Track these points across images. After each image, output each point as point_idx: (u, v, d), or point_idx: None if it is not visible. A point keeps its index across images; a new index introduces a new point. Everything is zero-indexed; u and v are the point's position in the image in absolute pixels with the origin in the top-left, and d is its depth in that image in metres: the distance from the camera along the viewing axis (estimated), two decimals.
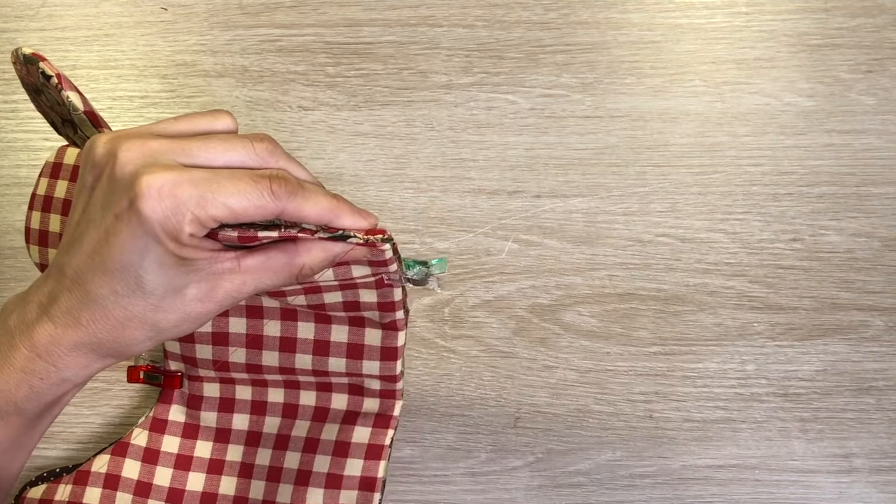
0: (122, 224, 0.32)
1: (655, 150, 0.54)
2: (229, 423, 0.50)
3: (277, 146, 0.35)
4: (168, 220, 0.31)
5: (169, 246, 0.32)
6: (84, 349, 0.34)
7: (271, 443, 0.49)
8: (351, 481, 0.48)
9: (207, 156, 0.33)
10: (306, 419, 0.49)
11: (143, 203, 0.31)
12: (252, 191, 0.32)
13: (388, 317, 0.45)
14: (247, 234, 0.33)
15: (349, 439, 0.48)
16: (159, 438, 0.50)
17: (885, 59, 0.54)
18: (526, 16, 0.56)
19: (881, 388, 0.52)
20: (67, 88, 0.37)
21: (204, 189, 0.31)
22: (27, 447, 0.38)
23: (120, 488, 0.49)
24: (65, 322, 0.34)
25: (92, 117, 0.38)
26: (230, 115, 0.36)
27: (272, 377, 0.49)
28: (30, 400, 0.35)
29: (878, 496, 0.51)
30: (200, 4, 0.57)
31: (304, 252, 0.35)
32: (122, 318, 0.33)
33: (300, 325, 0.47)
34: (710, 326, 0.53)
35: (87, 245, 0.33)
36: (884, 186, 0.53)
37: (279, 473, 0.49)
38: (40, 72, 0.38)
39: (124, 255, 0.32)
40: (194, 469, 0.49)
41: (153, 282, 0.33)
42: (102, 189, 0.33)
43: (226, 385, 0.50)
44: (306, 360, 0.47)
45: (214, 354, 0.48)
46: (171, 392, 0.50)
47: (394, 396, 0.48)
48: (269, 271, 0.35)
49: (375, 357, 0.47)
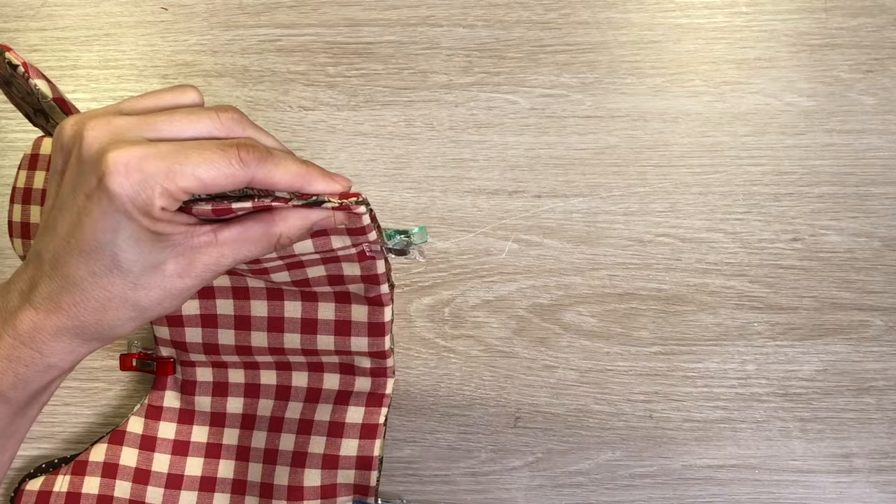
0: (92, 203, 0.31)
1: (656, 149, 0.54)
2: (224, 406, 0.50)
3: (243, 116, 0.35)
4: (138, 195, 0.31)
5: (142, 221, 0.32)
6: (68, 334, 0.34)
7: (266, 425, 0.49)
8: (347, 461, 0.48)
9: (173, 129, 0.33)
10: (299, 400, 0.49)
11: (110, 180, 0.31)
12: (220, 159, 0.32)
13: (373, 290, 0.44)
14: (221, 206, 0.33)
15: (343, 419, 0.48)
16: (155, 425, 0.50)
17: (886, 59, 0.54)
18: (526, 16, 0.56)
19: (881, 388, 0.52)
20: (34, 76, 0.37)
21: (171, 161, 0.31)
22: (16, 436, 0.38)
23: (119, 476, 0.49)
24: (46, 307, 0.34)
25: (62, 104, 0.37)
26: (196, 90, 0.36)
27: (263, 359, 0.49)
28: (16, 388, 0.35)
29: (879, 496, 0.51)
30: (200, 4, 0.57)
31: (281, 221, 0.35)
32: (102, 298, 0.33)
33: (287, 304, 0.47)
34: (711, 326, 0.53)
35: (62, 229, 0.33)
36: (884, 186, 0.53)
37: (275, 455, 0.49)
38: (7, 62, 0.37)
39: (97, 234, 0.32)
40: (192, 454, 0.50)
41: (129, 259, 0.32)
42: (72, 171, 0.33)
43: (218, 369, 0.50)
44: (295, 339, 0.47)
45: (204, 337, 0.48)
46: (165, 378, 0.50)
47: (385, 374, 0.48)
48: (246, 242, 0.35)
49: (363, 333, 0.47)
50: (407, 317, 0.53)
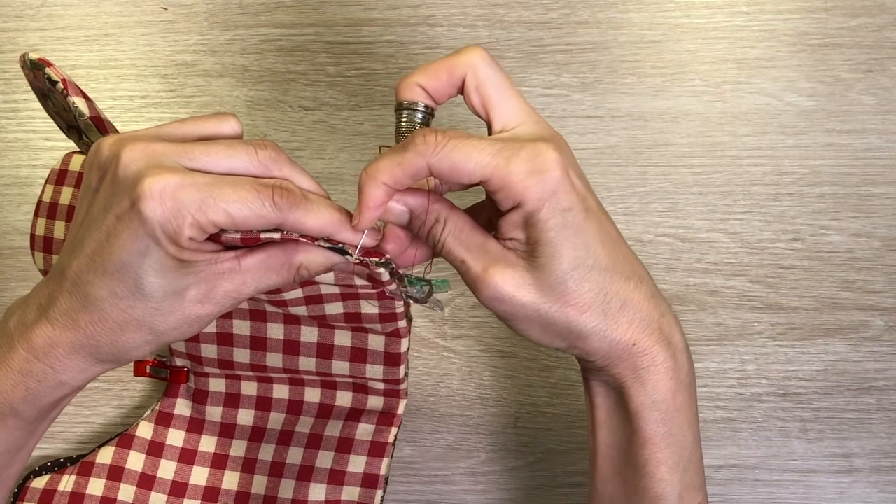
0: (122, 224, 0.32)
1: (656, 149, 0.54)
2: (234, 418, 0.50)
3: (281, 153, 0.34)
4: (169, 222, 0.31)
5: (169, 248, 0.32)
6: (82, 352, 0.34)
7: (275, 438, 0.49)
8: (353, 478, 0.48)
9: (210, 160, 0.33)
10: (310, 416, 0.49)
11: (144, 204, 0.31)
12: (254, 199, 0.32)
13: (390, 326, 0.45)
14: (249, 235, 0.33)
15: (353, 436, 0.48)
16: (164, 432, 0.50)
17: (886, 59, 0.54)
18: (526, 15, 0.56)
19: (881, 388, 0.52)
20: (73, 94, 0.37)
21: (206, 194, 0.31)
22: (24, 450, 0.38)
23: (123, 480, 0.49)
24: (63, 324, 0.34)
25: (98, 122, 0.37)
26: (236, 119, 0.36)
27: (277, 375, 0.49)
28: (27, 402, 0.35)
29: (879, 496, 0.51)
30: (200, 4, 0.57)
31: (303, 252, 0.35)
32: (120, 320, 0.33)
33: (303, 329, 0.47)
34: (711, 326, 0.53)
35: (89, 246, 0.33)
36: (884, 186, 0.53)
37: (282, 469, 0.49)
38: (46, 77, 0.38)
39: (123, 256, 0.32)
40: (198, 463, 0.50)
41: (152, 283, 0.32)
42: (105, 190, 0.33)
43: (231, 381, 0.50)
44: (310, 362, 0.48)
45: (219, 354, 0.48)
46: (178, 386, 0.51)
47: (398, 395, 0.48)
48: (268, 270, 0.35)
49: (379, 362, 0.47)
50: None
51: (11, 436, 0.36)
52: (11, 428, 0.36)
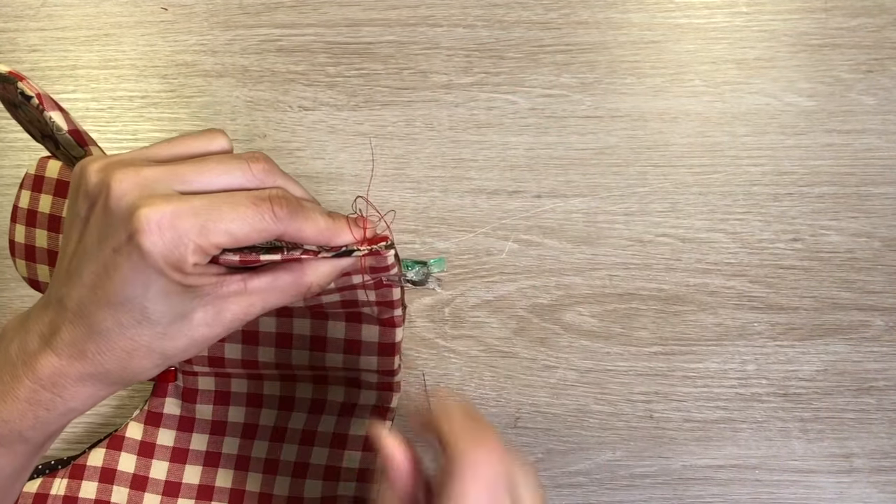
0: (121, 258, 0.31)
1: (655, 150, 0.54)
2: (225, 415, 0.50)
3: (273, 164, 0.34)
4: (171, 252, 0.30)
5: (173, 276, 0.31)
6: (91, 379, 0.34)
7: (268, 435, 0.49)
8: (349, 473, 0.48)
9: (203, 180, 0.32)
10: (303, 411, 0.49)
11: (143, 238, 0.30)
12: (253, 215, 0.32)
13: (385, 313, 0.45)
14: (248, 257, 0.33)
15: (346, 431, 0.48)
16: (155, 431, 0.50)
17: (886, 59, 0.54)
18: (526, 16, 0.56)
19: (881, 388, 0.52)
20: (49, 109, 0.36)
21: (205, 218, 0.31)
22: (28, 468, 0.38)
23: (116, 482, 0.49)
24: (69, 354, 0.33)
25: (76, 136, 0.36)
26: (224, 135, 0.35)
27: (268, 371, 0.49)
28: (35, 429, 0.35)
29: (879, 496, 0.51)
30: (200, 4, 0.57)
31: (311, 271, 0.35)
32: (128, 348, 0.33)
33: (296, 322, 0.47)
34: (711, 326, 0.53)
35: (87, 278, 0.32)
36: (884, 186, 0.53)
37: (276, 466, 0.49)
38: (20, 92, 0.36)
39: (127, 289, 0.31)
40: (190, 462, 0.49)
41: (159, 311, 0.32)
42: (97, 221, 0.32)
43: (221, 378, 0.50)
44: (303, 355, 0.47)
45: (210, 350, 0.48)
46: (166, 385, 0.50)
47: (391, 389, 0.48)
48: (276, 291, 0.35)
49: (373, 353, 0.47)
50: (407, 317, 0.53)
51: (20, 461, 0.36)
52: (20, 454, 0.35)
